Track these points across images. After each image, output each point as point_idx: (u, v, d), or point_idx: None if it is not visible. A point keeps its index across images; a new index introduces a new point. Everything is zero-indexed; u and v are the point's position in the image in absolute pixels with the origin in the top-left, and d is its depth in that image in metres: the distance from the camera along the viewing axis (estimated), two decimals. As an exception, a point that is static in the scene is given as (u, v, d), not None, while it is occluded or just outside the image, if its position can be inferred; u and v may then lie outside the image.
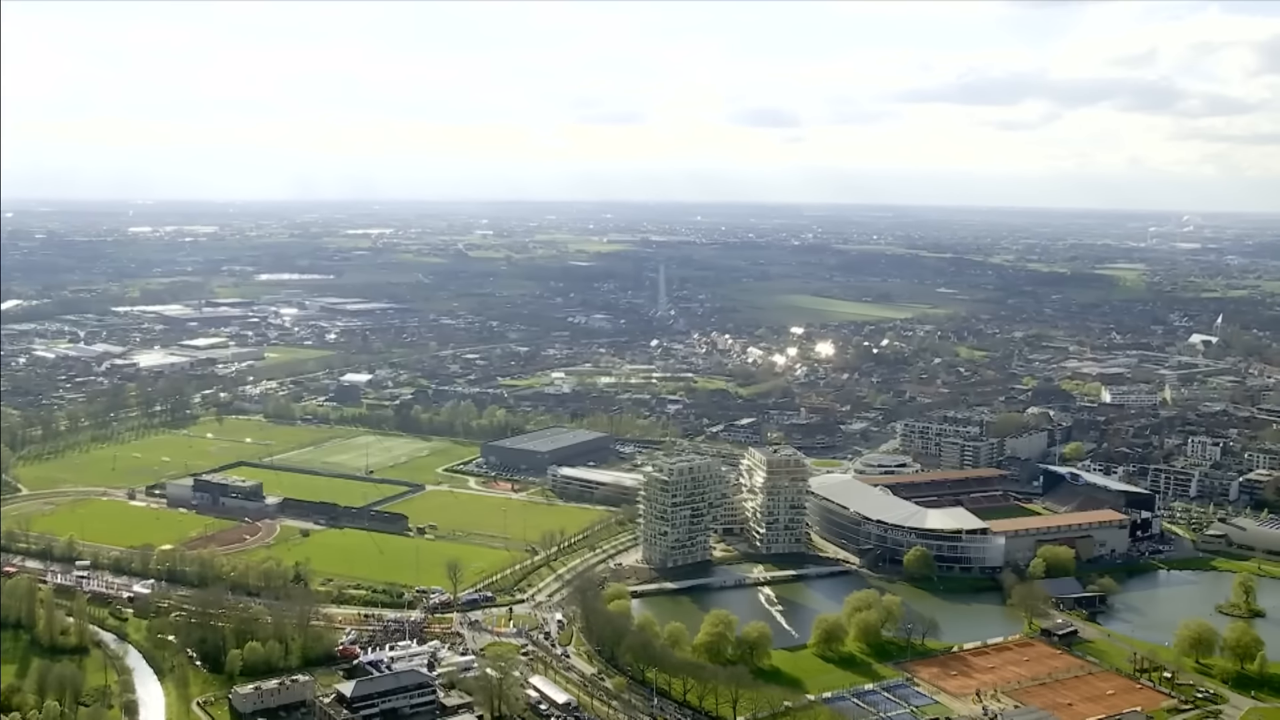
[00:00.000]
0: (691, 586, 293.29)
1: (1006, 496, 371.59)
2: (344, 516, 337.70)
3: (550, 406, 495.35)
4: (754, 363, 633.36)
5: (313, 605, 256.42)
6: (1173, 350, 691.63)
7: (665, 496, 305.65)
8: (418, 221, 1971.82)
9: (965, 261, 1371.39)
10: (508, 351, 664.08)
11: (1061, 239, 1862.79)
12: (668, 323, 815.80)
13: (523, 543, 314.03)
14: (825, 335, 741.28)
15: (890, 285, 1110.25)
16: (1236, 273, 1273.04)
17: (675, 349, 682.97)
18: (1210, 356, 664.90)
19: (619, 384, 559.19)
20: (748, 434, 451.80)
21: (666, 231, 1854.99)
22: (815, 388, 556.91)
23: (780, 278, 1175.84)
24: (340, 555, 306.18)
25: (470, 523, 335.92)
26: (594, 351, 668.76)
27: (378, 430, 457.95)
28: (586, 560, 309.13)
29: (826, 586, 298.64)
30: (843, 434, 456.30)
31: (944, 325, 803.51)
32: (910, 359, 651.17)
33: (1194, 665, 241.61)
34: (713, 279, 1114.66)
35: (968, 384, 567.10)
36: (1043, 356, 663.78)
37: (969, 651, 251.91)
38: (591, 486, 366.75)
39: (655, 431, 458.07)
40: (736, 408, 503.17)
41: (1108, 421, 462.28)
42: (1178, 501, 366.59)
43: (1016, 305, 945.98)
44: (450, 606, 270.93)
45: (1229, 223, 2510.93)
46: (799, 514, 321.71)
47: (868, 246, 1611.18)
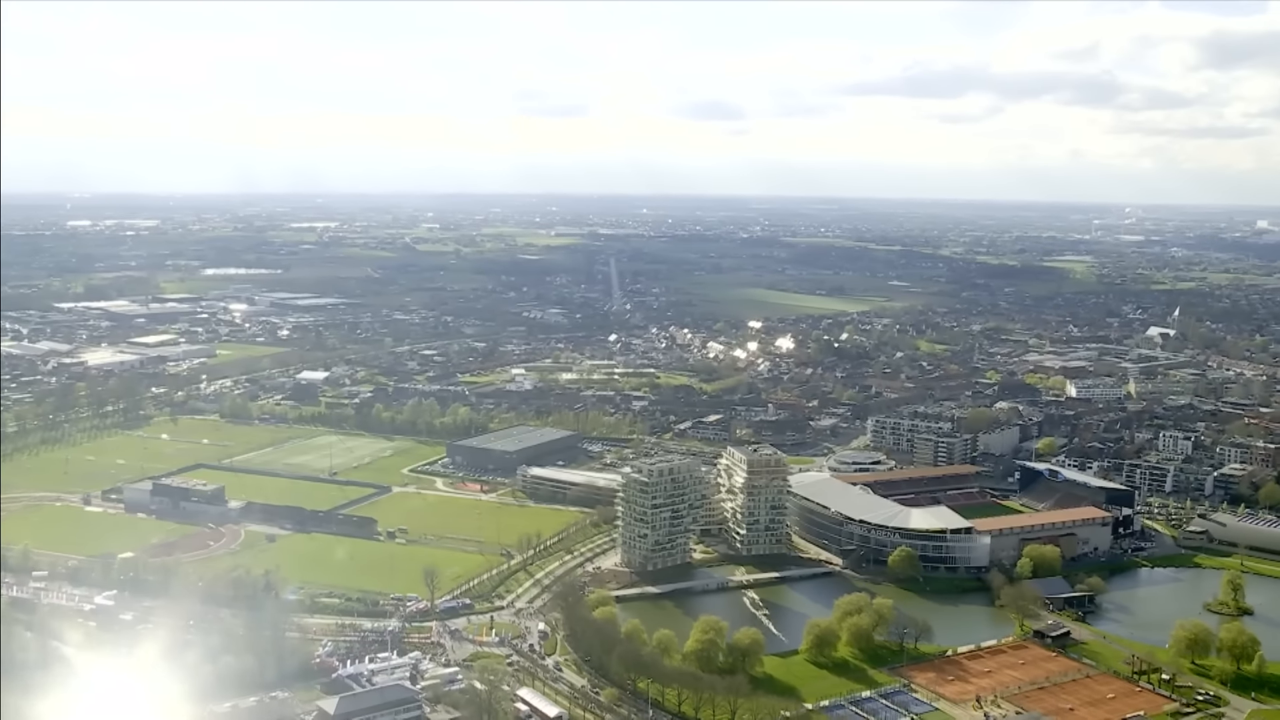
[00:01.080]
0: (674, 590, 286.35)
1: (983, 493, 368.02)
2: (311, 521, 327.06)
3: (513, 404, 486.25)
4: (716, 358, 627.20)
5: (287, 616, 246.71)
6: (1131, 343, 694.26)
7: (645, 498, 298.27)
8: (362, 215, 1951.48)
9: (915, 254, 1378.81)
10: (465, 347, 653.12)
11: (1007, 231, 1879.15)
12: (624, 317, 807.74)
13: (497, 546, 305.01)
14: (784, 329, 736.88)
15: (843, 278, 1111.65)
16: (1182, 265, 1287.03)
17: (634, 344, 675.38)
18: (1169, 349, 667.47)
19: (581, 380, 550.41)
20: (716, 431, 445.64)
21: (614, 224, 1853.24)
22: (780, 383, 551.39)
23: (732, 271, 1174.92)
24: (310, 561, 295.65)
25: (441, 526, 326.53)
26: (552, 347, 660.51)
27: (338, 430, 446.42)
28: (564, 564, 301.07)
29: (810, 589, 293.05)
30: (813, 430, 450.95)
31: (901, 318, 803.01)
32: (872, 353, 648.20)
33: (1190, 666, 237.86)
34: (665, 272, 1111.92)
35: (932, 379, 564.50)
36: (1003, 350, 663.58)
37: (964, 655, 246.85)
38: (564, 487, 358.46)
39: (622, 429, 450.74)
40: (702, 404, 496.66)
41: (1077, 416, 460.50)
42: (1154, 497, 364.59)
43: (971, 298, 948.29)
44: (428, 615, 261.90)
45: (1168, 215, 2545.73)
46: (780, 514, 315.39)
47: (816, 239, 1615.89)
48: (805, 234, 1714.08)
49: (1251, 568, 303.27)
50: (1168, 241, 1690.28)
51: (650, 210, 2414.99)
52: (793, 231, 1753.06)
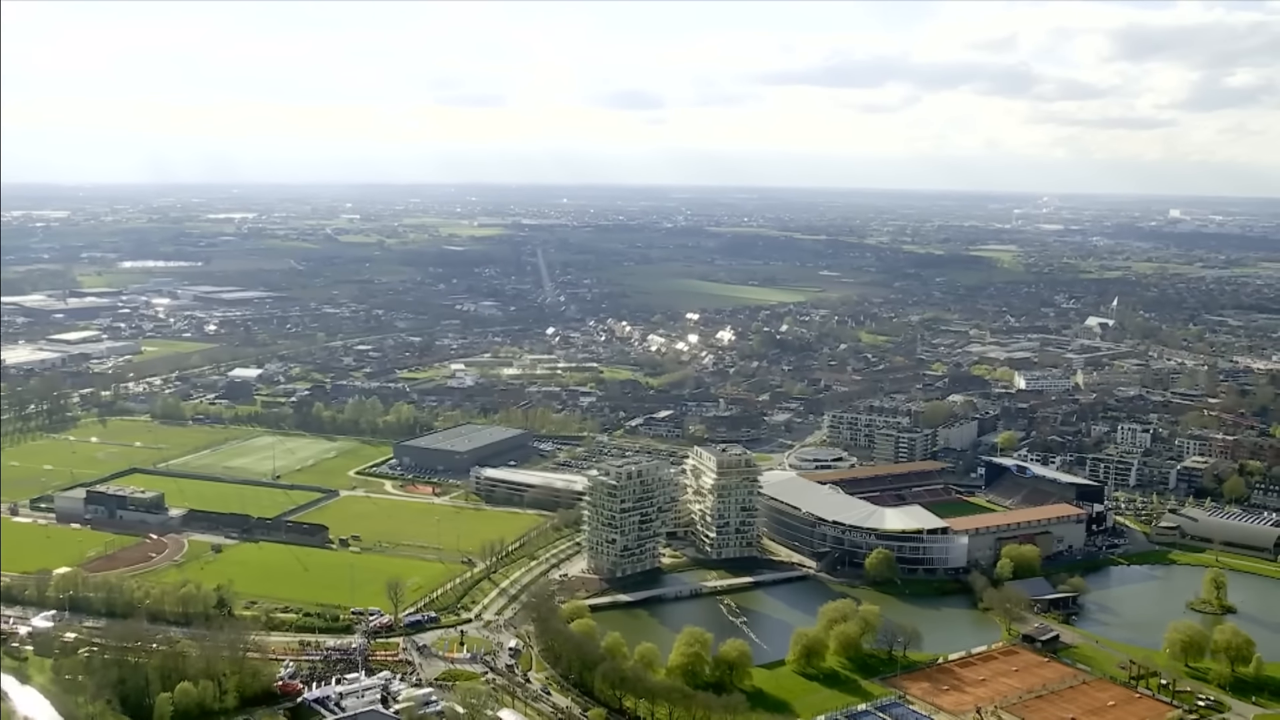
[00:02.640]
0: (647, 598, 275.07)
1: (948, 490, 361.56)
2: (258, 529, 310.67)
3: (457, 401, 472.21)
4: (658, 351, 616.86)
5: (244, 635, 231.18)
6: (1070, 334, 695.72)
7: (613, 502, 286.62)
8: (280, 205, 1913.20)
9: (841, 244, 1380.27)
10: (400, 342, 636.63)
11: (929, 220, 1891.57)
12: (559, 309, 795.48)
13: (457, 553, 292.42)
14: (722, 321, 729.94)
15: (773, 268, 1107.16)
16: (1105, 254, 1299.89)
17: (573, 337, 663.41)
18: (1109, 339, 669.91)
19: (524, 376, 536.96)
20: (669, 428, 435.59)
21: (536, 215, 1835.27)
22: (728, 377, 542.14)
23: (661, 261, 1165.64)
24: (261, 573, 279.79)
25: (396, 532, 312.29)
26: (490, 341, 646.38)
27: (277, 430, 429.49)
28: (529, 571, 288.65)
29: (786, 593, 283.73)
30: (767, 426, 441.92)
31: (839, 309, 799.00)
32: (815, 345, 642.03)
33: (1186, 670, 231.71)
34: (594, 263, 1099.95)
35: (879, 371, 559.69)
36: (945, 341, 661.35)
37: (955, 662, 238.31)
38: (520, 489, 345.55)
39: (571, 426, 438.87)
40: (651, 399, 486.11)
41: (1032, 409, 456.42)
42: (1119, 491, 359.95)
43: (905, 288, 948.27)
44: (393, 629, 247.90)
45: (1083, 204, 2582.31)
46: (751, 516, 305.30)
47: (742, 229, 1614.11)
48: (729, 224, 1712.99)
49: (1227, 563, 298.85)
50: (1087, 231, 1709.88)
51: (570, 200, 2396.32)
52: (716, 221, 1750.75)
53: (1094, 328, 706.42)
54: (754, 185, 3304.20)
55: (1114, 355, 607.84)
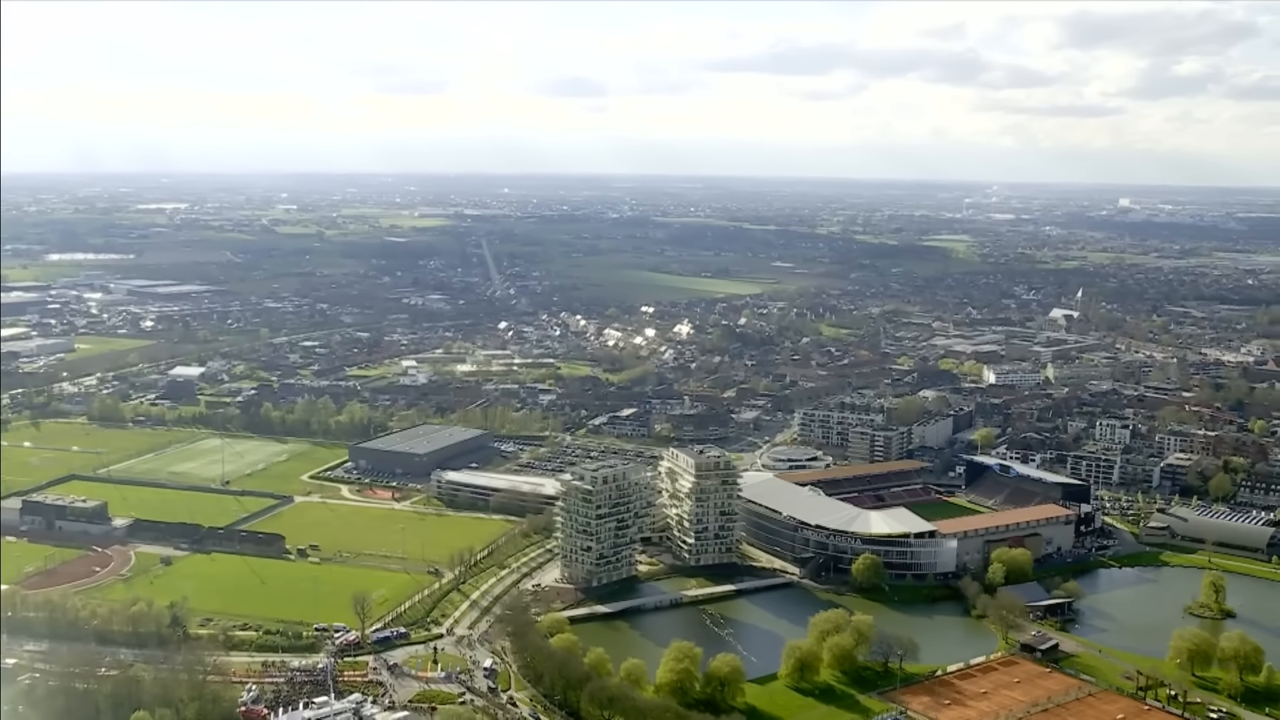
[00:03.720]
0: (626, 609, 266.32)
1: (927, 490, 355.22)
2: (210, 539, 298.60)
3: (411, 400, 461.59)
4: (616, 346, 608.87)
5: (202, 656, 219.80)
6: (1034, 326, 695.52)
7: (588, 508, 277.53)
8: (213, 195, 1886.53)
9: (792, 234, 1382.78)
10: (347, 337, 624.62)
11: (878, 210, 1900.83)
12: (509, 303, 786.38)
13: (423, 562, 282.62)
14: (678, 314, 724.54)
15: (725, 259, 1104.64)
16: (1060, 244, 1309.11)
17: (527, 332, 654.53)
18: (1075, 331, 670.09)
19: (480, 373, 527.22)
20: (634, 426, 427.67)
21: (478, 205, 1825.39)
22: (690, 373, 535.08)
23: (610, 252, 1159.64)
24: (215, 588, 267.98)
25: (356, 540, 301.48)
26: (440, 336, 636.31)
27: (223, 432, 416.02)
28: (500, 581, 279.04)
29: (770, 602, 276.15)
30: (735, 424, 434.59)
31: (797, 301, 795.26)
32: (776, 338, 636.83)
33: (1193, 679, 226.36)
34: (541, 254, 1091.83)
35: (844, 365, 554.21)
36: (909, 334, 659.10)
37: (954, 675, 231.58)
38: (485, 493, 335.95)
39: (532, 425, 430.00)
40: (612, 396, 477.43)
41: (1005, 404, 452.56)
42: (1102, 490, 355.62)
43: (861, 279, 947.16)
44: (360, 647, 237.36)
45: (1032, 193, 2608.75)
46: (730, 521, 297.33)
47: (689, 219, 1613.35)
48: (677, 214, 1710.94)
49: (1220, 565, 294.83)
50: (1039, 220, 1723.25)
51: (512, 190, 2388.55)
52: (663, 211, 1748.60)
53: (1059, 319, 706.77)
54: (699, 174, 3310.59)
55: (1082, 348, 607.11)
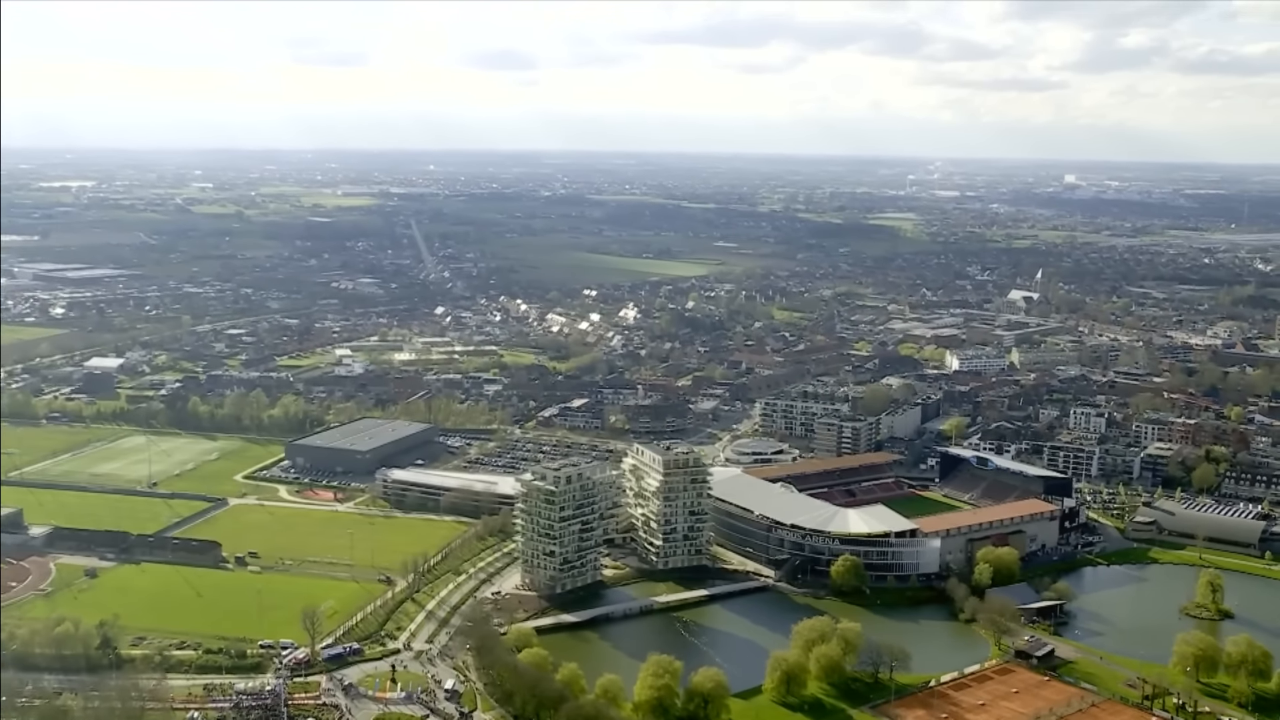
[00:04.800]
0: (594, 618, 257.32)
1: (900, 484, 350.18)
2: (139, 548, 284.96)
3: (349, 392, 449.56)
4: (561, 332, 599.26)
5: (137, 681, 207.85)
6: (993, 308, 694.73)
7: (550, 510, 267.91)
8: (121, 173, 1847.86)
9: (733, 212, 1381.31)
10: (276, 324, 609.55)
11: (819, 187, 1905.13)
12: (445, 286, 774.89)
13: (373, 570, 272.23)
14: (623, 297, 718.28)
15: (666, 239, 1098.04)
16: (1009, 222, 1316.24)
17: (465, 317, 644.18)
18: (1035, 314, 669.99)
19: (419, 362, 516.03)
20: (585, 418, 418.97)
21: (404, 183, 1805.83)
22: (640, 360, 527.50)
23: (546, 232, 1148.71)
24: (147, 602, 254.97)
25: (298, 546, 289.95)
26: (374, 322, 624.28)
27: (148, 429, 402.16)
28: (458, 588, 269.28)
29: (746, 608, 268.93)
30: (693, 415, 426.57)
31: (745, 283, 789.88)
32: (726, 323, 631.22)
33: (1199, 687, 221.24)
34: (474, 235, 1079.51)
35: (800, 352, 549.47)
36: (864, 318, 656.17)
37: (948, 685, 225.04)
38: (435, 493, 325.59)
39: (478, 418, 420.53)
40: (561, 386, 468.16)
41: (973, 392, 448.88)
42: (1081, 482, 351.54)
43: (809, 260, 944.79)
44: (311, 665, 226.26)
45: (975, 169, 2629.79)
46: (700, 521, 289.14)
47: (625, 197, 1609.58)
48: (611, 191, 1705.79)
49: (1212, 561, 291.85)
50: (984, 197, 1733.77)
51: (438, 166, 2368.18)
52: (597, 189, 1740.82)
53: (1018, 301, 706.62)
54: (632, 150, 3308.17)
55: (1044, 331, 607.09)
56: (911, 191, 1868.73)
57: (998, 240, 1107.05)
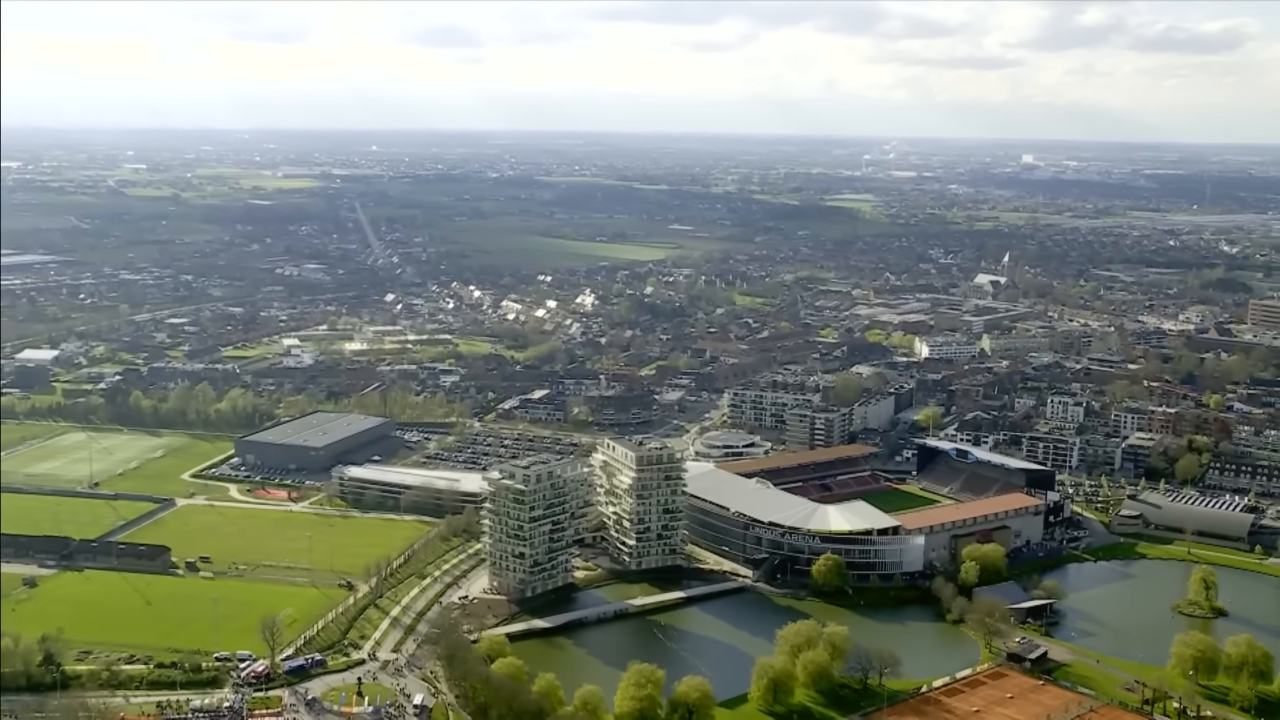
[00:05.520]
0: (568, 623, 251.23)
1: (876, 478, 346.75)
2: (82, 553, 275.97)
3: (299, 384, 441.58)
4: (517, 320, 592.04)
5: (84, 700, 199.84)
6: (959, 292, 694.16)
7: (520, 510, 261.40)
8: (48, 153, 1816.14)
9: (687, 194, 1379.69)
10: (219, 313, 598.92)
11: (773, 167, 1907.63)
12: (394, 272, 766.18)
13: (332, 574, 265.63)
14: (579, 283, 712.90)
15: (619, 222, 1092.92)
16: (969, 203, 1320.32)
17: (417, 305, 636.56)
18: (1003, 299, 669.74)
19: (371, 351, 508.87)
20: (547, 410, 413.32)
21: (346, 164, 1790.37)
22: (601, 349, 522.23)
23: (496, 215, 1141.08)
24: (93, 612, 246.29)
25: (253, 550, 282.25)
26: (322, 310, 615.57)
27: (87, 425, 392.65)
28: (423, 593, 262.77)
29: (724, 609, 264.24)
30: (659, 406, 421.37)
31: (704, 268, 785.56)
32: (687, 309, 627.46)
33: (1200, 690, 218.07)
34: (422, 218, 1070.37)
35: (765, 339, 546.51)
36: (829, 303, 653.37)
37: (940, 691, 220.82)
38: (394, 491, 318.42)
39: (436, 411, 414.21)
40: (520, 376, 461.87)
41: (946, 381, 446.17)
42: (1062, 474, 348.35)
43: (768, 243, 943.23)
44: (271, 678, 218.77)
45: (931, 149, 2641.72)
46: (674, 519, 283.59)
47: (575, 178, 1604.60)
48: (561, 173, 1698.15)
49: (1200, 555, 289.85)
50: (942, 178, 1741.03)
51: (381, 147, 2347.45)
52: (546, 170, 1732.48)
53: (985, 286, 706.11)
54: (581, 130, 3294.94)
55: (1014, 317, 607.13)
56: (868, 172, 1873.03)
57: (959, 222, 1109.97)
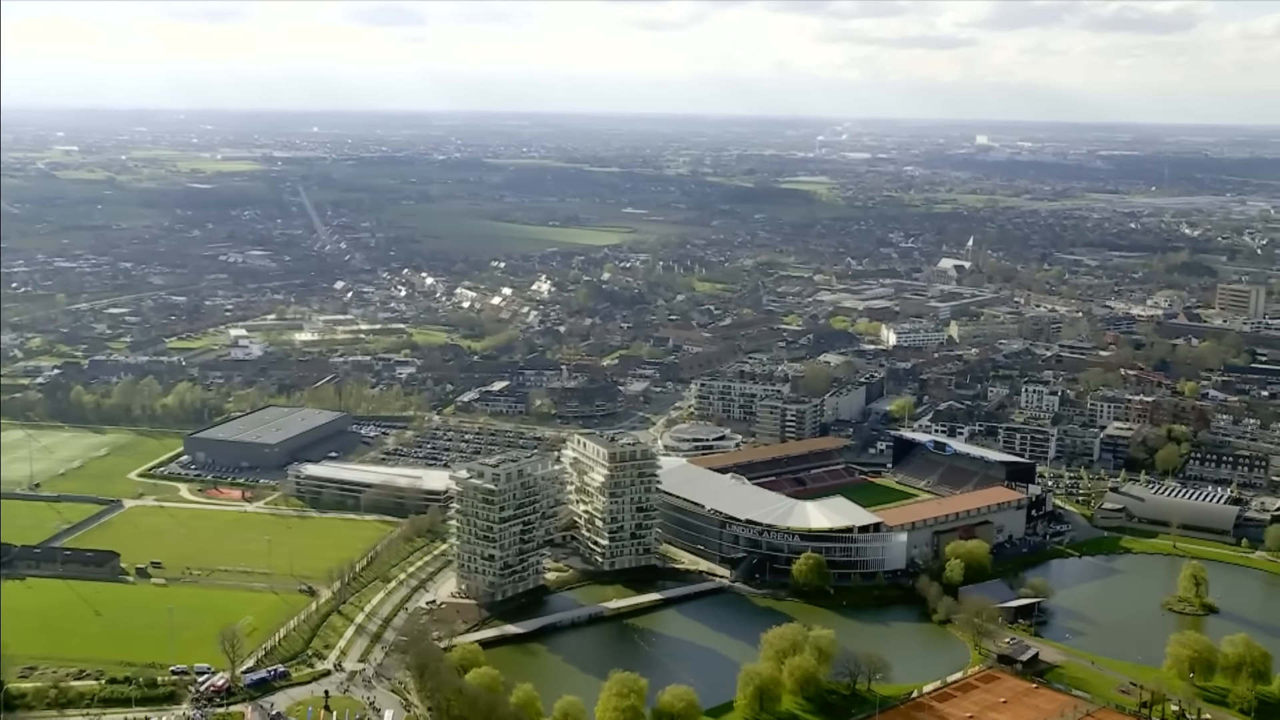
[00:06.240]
0: (542, 628, 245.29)
1: (850, 471, 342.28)
2: (23, 560, 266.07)
3: (249, 376, 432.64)
4: (473, 308, 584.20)
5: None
6: (922, 277, 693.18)
7: (490, 510, 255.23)
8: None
9: (639, 176, 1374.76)
10: (161, 302, 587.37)
11: (725, 149, 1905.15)
12: (342, 258, 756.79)
13: (292, 579, 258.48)
14: (534, 269, 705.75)
15: (571, 206, 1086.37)
16: (926, 185, 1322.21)
17: (368, 293, 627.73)
18: (968, 283, 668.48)
19: (323, 342, 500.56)
20: (508, 402, 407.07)
21: (287, 146, 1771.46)
22: (560, 338, 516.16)
23: (444, 199, 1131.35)
24: (37, 624, 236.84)
25: (207, 554, 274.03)
26: (269, 299, 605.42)
27: (25, 422, 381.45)
28: (389, 597, 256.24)
29: (702, 612, 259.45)
30: (624, 398, 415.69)
31: (661, 253, 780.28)
32: (647, 296, 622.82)
33: (1198, 691, 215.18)
34: (368, 202, 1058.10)
35: (728, 327, 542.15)
36: (790, 289, 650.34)
37: (931, 695, 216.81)
38: (354, 490, 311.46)
39: (393, 404, 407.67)
40: (479, 368, 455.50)
41: (915, 369, 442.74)
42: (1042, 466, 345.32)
43: (724, 227, 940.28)
44: (232, 693, 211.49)
45: (884, 129, 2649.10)
46: (648, 518, 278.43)
47: (524, 160, 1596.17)
48: (509, 155, 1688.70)
49: (1186, 549, 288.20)
50: (897, 160, 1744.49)
51: (322, 129, 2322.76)
52: (494, 152, 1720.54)
53: (949, 270, 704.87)
54: (527, 110, 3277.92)
55: (980, 303, 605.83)
56: (821, 154, 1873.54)
57: (917, 205, 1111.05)
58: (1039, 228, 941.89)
